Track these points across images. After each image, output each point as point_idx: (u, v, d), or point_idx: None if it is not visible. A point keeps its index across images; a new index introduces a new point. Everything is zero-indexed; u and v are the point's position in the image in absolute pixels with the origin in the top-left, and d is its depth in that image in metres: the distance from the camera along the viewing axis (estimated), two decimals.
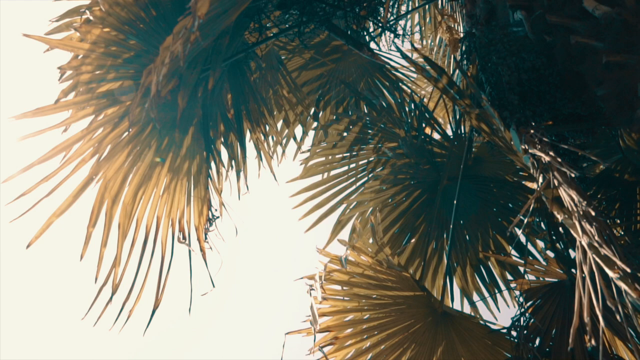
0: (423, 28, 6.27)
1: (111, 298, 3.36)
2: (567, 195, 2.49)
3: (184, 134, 3.60)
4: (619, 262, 2.29)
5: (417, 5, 5.92)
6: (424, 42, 6.44)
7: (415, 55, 6.24)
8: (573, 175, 2.49)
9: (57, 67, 3.17)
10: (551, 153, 2.60)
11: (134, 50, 3.37)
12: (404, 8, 5.99)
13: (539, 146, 2.66)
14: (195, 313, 3.64)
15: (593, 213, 2.40)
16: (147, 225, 3.56)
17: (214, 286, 3.67)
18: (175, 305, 3.85)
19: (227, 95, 4.03)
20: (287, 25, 4.46)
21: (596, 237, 2.36)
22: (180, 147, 3.58)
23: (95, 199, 3.33)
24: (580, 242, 2.42)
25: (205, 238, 3.74)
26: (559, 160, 2.53)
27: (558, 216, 2.58)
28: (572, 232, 2.49)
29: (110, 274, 3.39)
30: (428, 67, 2.90)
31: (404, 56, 2.94)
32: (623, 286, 2.32)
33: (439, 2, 5.70)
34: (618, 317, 2.36)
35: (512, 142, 2.82)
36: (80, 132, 3.32)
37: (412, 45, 3.48)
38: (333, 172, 4.70)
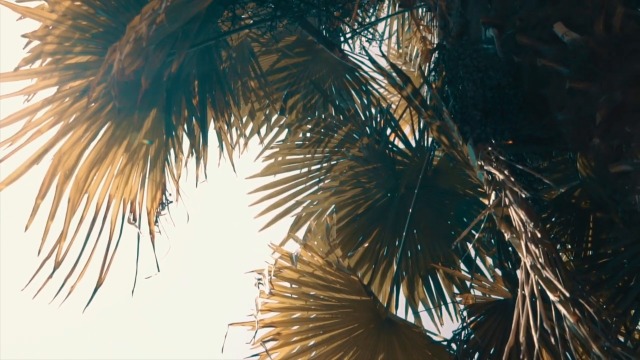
0: (401, 36, 6.28)
1: (53, 272, 3.32)
2: (516, 214, 2.51)
3: (145, 116, 3.58)
4: (559, 286, 2.31)
5: (395, 11, 5.93)
6: (401, 50, 6.46)
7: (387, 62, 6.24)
8: (524, 195, 2.51)
9: (21, 35, 3.13)
10: (506, 172, 2.62)
11: (102, 26, 3.34)
12: (383, 14, 6.00)
13: (495, 164, 2.68)
14: (138, 295, 3.63)
15: (539, 235, 2.43)
16: (98, 203, 3.53)
17: (159, 270, 3.66)
18: (118, 286, 3.82)
19: (194, 81, 4.00)
20: (260, 18, 4.44)
21: (540, 259, 2.38)
22: (139, 128, 3.55)
23: (47, 171, 3.29)
24: (524, 262, 2.44)
25: (156, 221, 3.72)
26: (512, 179, 2.55)
27: (506, 235, 2.61)
28: (517, 251, 2.51)
29: (55, 248, 3.35)
30: (394, 74, 2.91)
31: (372, 60, 2.94)
32: (562, 310, 2.35)
33: (418, 11, 5.71)
34: (552, 340, 2.39)
35: (469, 157, 2.84)
36: (40, 102, 3.28)
37: (381, 51, 3.49)
38: (293, 173, 4.69)
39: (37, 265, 3.33)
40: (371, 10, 5.60)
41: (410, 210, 4.11)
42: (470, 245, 4.18)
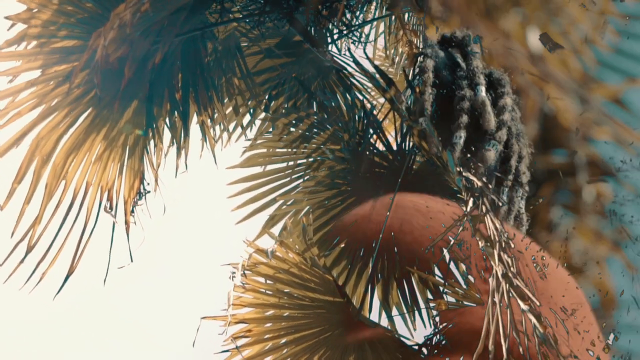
0: (388, 38, 6.26)
1: (25, 256, 3.30)
2: (491, 223, 2.52)
3: (126, 106, 3.55)
4: (530, 295, 2.33)
5: (383, 14, 5.91)
6: (388, 52, 6.44)
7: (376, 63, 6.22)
8: (501, 204, 2.52)
9: (4, 17, 3.12)
10: (484, 179, 2.62)
11: (88, 12, 3.32)
12: (371, 16, 5.98)
13: (474, 171, 2.68)
14: (109, 285, 3.61)
15: (513, 245, 2.44)
16: (75, 190, 3.50)
17: (132, 260, 3.64)
18: (90, 274, 3.80)
19: (177, 73, 3.97)
20: (249, 12, 4.42)
21: (512, 268, 2.40)
22: (120, 117, 3.53)
23: (25, 156, 3.27)
24: (496, 270, 2.45)
25: (132, 211, 3.70)
26: (490, 187, 2.56)
27: (480, 242, 2.61)
28: (490, 259, 2.52)
29: (29, 232, 3.33)
30: (378, 77, 2.91)
31: (355, 62, 2.95)
32: (533, 320, 2.36)
33: (405, 15, 5.70)
34: (521, 350, 2.40)
35: (448, 163, 2.84)
36: (23, 84, 3.27)
37: (365, 53, 3.49)
38: (273, 167, 4.65)
39: (7, 251, 3.32)
40: (358, 13, 5.58)
41: (388, 213, 4.09)
42: (445, 251, 4.18)
